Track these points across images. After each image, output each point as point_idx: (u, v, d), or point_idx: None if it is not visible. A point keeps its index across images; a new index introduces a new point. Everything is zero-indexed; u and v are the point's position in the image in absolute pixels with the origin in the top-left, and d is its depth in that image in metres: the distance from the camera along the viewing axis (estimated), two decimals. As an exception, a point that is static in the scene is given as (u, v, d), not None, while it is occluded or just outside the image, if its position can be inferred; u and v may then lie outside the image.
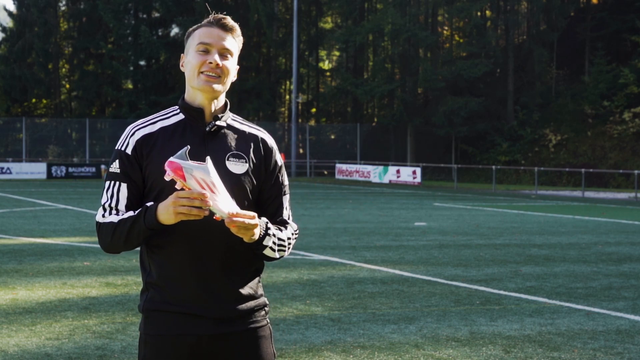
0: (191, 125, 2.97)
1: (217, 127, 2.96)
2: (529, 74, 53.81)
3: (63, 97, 61.89)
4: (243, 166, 2.96)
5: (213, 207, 2.71)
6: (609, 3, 53.63)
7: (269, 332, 3.07)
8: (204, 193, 2.68)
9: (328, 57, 71.05)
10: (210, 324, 2.94)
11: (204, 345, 2.95)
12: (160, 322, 2.96)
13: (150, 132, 2.97)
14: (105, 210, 2.94)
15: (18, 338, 7.55)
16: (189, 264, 2.92)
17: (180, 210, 2.70)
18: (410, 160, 53.09)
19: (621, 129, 47.02)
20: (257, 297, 3.04)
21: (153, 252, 2.96)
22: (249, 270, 3.01)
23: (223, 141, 2.98)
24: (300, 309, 9.07)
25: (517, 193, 39.32)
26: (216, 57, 2.92)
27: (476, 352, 7.35)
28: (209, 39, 2.94)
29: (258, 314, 3.04)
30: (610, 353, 7.38)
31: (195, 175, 2.69)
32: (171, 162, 2.70)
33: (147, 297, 2.99)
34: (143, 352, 3.01)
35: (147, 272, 3.00)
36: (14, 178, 44.32)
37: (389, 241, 16.22)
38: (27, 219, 19.93)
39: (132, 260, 12.62)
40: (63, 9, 61.68)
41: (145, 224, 2.81)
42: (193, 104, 2.98)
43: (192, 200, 2.68)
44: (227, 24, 2.97)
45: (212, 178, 2.70)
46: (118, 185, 2.94)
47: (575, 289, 10.84)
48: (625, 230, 19.76)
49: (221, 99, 3.01)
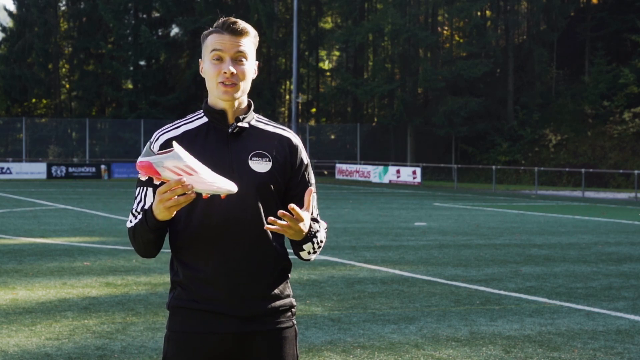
0: (214, 127, 3.01)
1: (239, 129, 2.99)
2: (529, 74, 53.80)
3: (63, 97, 61.88)
4: (266, 165, 2.98)
5: (197, 189, 2.71)
6: (609, 3, 53.62)
7: (294, 333, 3.07)
8: (181, 179, 2.68)
9: (328, 57, 71.06)
10: (236, 323, 2.95)
11: (228, 344, 2.96)
12: (186, 319, 2.97)
13: (174, 136, 3.00)
14: (133, 216, 2.98)
15: (18, 338, 7.55)
16: (214, 263, 2.93)
17: (168, 205, 2.73)
18: (410, 160, 53.08)
19: (621, 129, 47.02)
20: (284, 297, 3.04)
21: (179, 252, 2.99)
22: (276, 270, 3.01)
23: (246, 141, 3.00)
24: (300, 309, 9.07)
25: (517, 193, 39.32)
26: (230, 66, 2.94)
27: (476, 352, 7.35)
28: (220, 45, 2.96)
29: (284, 314, 3.04)
30: (610, 353, 7.38)
31: (168, 166, 2.68)
32: (140, 162, 2.70)
33: (174, 295, 3.01)
34: (166, 348, 3.02)
35: (175, 271, 3.02)
36: (14, 178, 44.32)
37: (389, 241, 16.22)
38: (27, 219, 19.93)
39: (132, 260, 12.62)
40: (63, 9, 61.68)
41: (148, 224, 2.86)
42: (215, 107, 3.02)
43: (173, 191, 2.70)
44: (237, 28, 2.97)
45: (185, 161, 2.69)
46: (145, 190, 2.97)
47: (575, 289, 10.84)
48: (625, 230, 19.76)
49: (243, 100, 3.05)
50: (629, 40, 51.42)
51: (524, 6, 56.73)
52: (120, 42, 58.48)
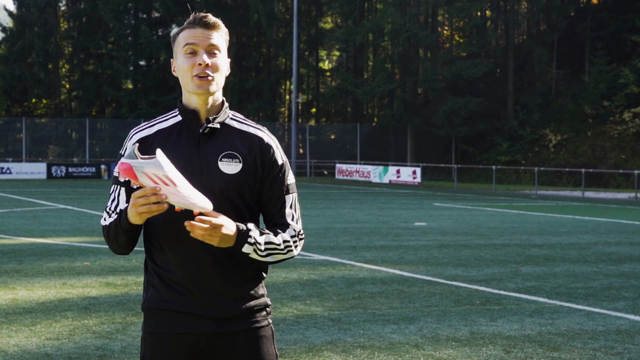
0: (187, 127, 2.98)
1: (210, 129, 2.96)
2: (529, 74, 53.81)
3: (63, 97, 61.88)
4: (236, 166, 2.93)
5: (170, 200, 2.70)
6: (609, 3, 53.62)
7: (271, 332, 3.06)
8: (156, 187, 2.68)
9: (328, 57, 71.06)
10: (210, 323, 2.94)
11: (203, 344, 2.95)
12: (160, 320, 2.97)
13: (147, 135, 2.99)
14: (107, 214, 2.99)
15: (18, 338, 7.55)
16: (186, 264, 2.93)
17: (141, 210, 2.73)
18: (410, 160, 53.08)
19: (621, 129, 47.01)
20: (258, 297, 3.02)
21: (152, 253, 2.99)
22: (249, 270, 2.99)
23: (218, 142, 2.96)
24: (300, 309, 9.07)
25: (517, 193, 39.32)
26: (204, 57, 2.92)
27: (476, 352, 7.35)
28: (193, 39, 2.94)
29: (259, 314, 3.02)
30: (610, 353, 7.38)
31: (147, 172, 2.68)
32: (122, 163, 2.70)
33: (148, 296, 3.01)
34: (143, 350, 3.02)
35: (148, 272, 3.03)
36: (14, 178, 44.32)
37: (389, 241, 16.22)
38: (27, 219, 19.93)
39: (132, 260, 12.61)
40: (63, 9, 61.71)
41: (121, 226, 2.87)
42: (189, 106, 2.99)
43: (147, 198, 2.70)
44: (209, 21, 2.96)
45: (165, 171, 2.68)
46: (118, 189, 2.98)
47: (575, 289, 10.84)
48: (625, 230, 19.76)
49: (217, 99, 3.01)
50: (629, 40, 51.42)
51: (524, 6, 56.73)
52: (120, 42, 58.49)
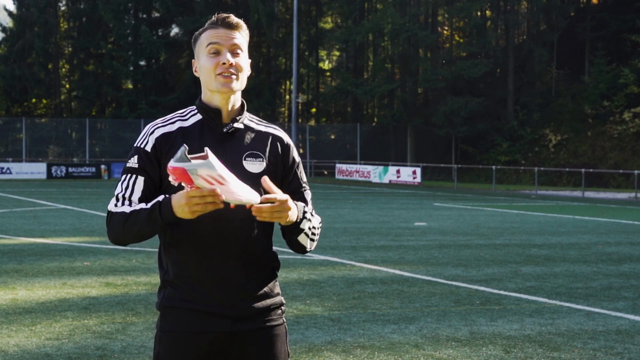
0: (209, 126, 3.01)
1: (234, 129, 3.00)
2: (529, 74, 53.81)
3: (63, 97, 61.89)
4: (260, 165, 2.99)
5: (227, 199, 2.72)
6: (609, 3, 53.62)
7: (284, 331, 3.10)
8: (214, 189, 2.69)
9: (328, 57, 71.05)
10: (227, 322, 2.96)
11: (220, 343, 2.97)
12: (177, 319, 2.98)
13: (170, 132, 3.00)
14: (118, 200, 2.95)
15: (18, 338, 7.55)
16: (205, 263, 2.94)
17: (195, 209, 2.73)
18: (410, 160, 53.09)
19: (621, 129, 47.02)
20: (274, 296, 3.06)
21: (169, 251, 2.99)
22: (266, 269, 3.03)
23: (240, 141, 3.01)
24: (300, 309, 9.07)
25: (517, 193, 39.32)
26: (228, 56, 2.95)
27: (476, 352, 7.35)
28: (217, 39, 2.97)
29: (274, 312, 3.06)
30: (610, 353, 7.38)
31: (201, 174, 2.68)
32: (174, 168, 2.68)
33: (164, 294, 3.01)
34: (157, 349, 3.02)
35: (165, 270, 3.02)
36: (14, 178, 44.32)
37: (389, 241, 16.22)
38: (27, 219, 19.93)
39: (132, 260, 12.62)
40: (63, 9, 61.71)
41: (162, 218, 2.81)
42: (210, 104, 3.02)
43: (204, 198, 2.70)
44: (232, 21, 2.99)
45: (217, 170, 2.69)
46: (135, 178, 2.95)
47: (575, 289, 10.84)
48: (625, 230, 19.76)
49: (238, 99, 3.06)
50: (629, 40, 51.43)
51: (524, 6, 56.72)
52: (120, 42, 58.48)
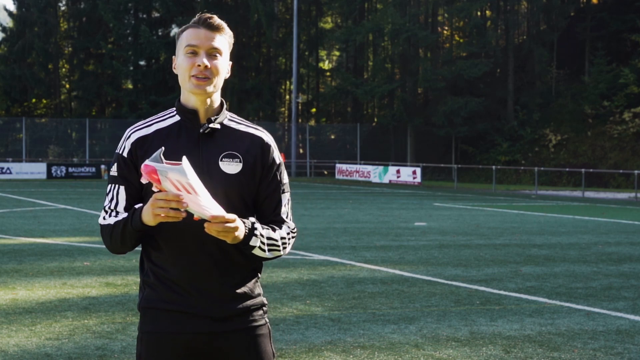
0: (186, 127, 2.99)
1: (210, 129, 2.97)
2: (529, 74, 53.81)
3: (63, 97, 61.89)
4: (237, 166, 2.96)
5: (190, 209, 2.70)
6: (609, 3, 53.63)
7: (268, 331, 3.08)
8: (179, 194, 2.67)
9: (328, 57, 71.07)
10: (207, 322, 2.96)
11: (200, 344, 2.97)
12: (156, 319, 2.98)
13: (146, 135, 2.99)
14: (106, 213, 2.99)
15: (18, 338, 7.55)
16: (183, 264, 2.94)
17: (158, 212, 2.72)
18: (410, 160, 53.09)
19: (621, 129, 47.02)
20: (254, 297, 3.04)
21: (148, 252, 3.00)
22: (245, 269, 3.01)
23: (218, 142, 2.98)
24: (300, 309, 9.07)
25: (517, 193, 39.32)
26: (204, 59, 2.93)
27: (476, 352, 7.34)
28: (195, 40, 2.95)
29: (256, 313, 3.05)
30: (610, 353, 7.38)
31: (170, 177, 2.67)
32: (146, 166, 2.68)
33: (144, 295, 3.02)
34: (139, 349, 3.03)
35: (144, 272, 3.03)
36: (14, 178, 44.32)
37: (389, 241, 16.22)
38: (27, 219, 19.93)
39: (132, 260, 12.61)
40: (63, 9, 61.71)
41: (132, 225, 2.86)
42: (187, 105, 2.99)
43: (168, 202, 2.69)
44: (213, 23, 2.97)
45: (188, 179, 2.67)
46: (117, 188, 2.98)
47: (575, 289, 10.84)
48: (625, 230, 19.76)
49: (216, 99, 3.02)
50: (629, 40, 51.43)
51: (524, 6, 56.73)
52: (120, 42, 58.49)
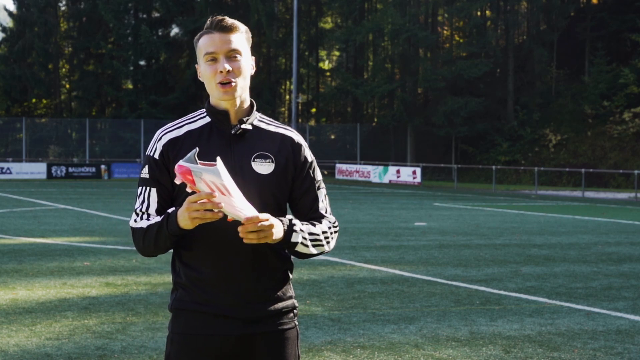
0: (217, 128, 2.99)
1: (242, 130, 2.98)
2: (529, 74, 53.81)
3: (63, 97, 61.89)
4: (269, 166, 2.97)
5: (225, 209, 2.69)
6: (609, 3, 53.63)
7: (296, 333, 3.08)
8: (213, 194, 2.66)
9: (328, 57, 71.05)
10: (238, 325, 2.95)
11: (231, 345, 2.97)
12: (188, 321, 2.98)
13: (177, 136, 2.98)
14: (137, 215, 2.97)
15: (18, 338, 7.55)
16: (216, 266, 2.93)
17: (194, 215, 2.71)
18: (410, 160, 53.08)
19: (621, 129, 47.01)
20: (286, 299, 3.04)
21: (181, 254, 2.99)
22: (278, 272, 3.01)
23: (249, 143, 2.99)
24: (300, 309, 9.06)
25: (517, 193, 39.32)
26: (225, 64, 2.93)
27: (476, 352, 7.34)
28: (212, 47, 2.94)
29: (286, 315, 3.05)
30: (610, 353, 7.38)
31: (205, 178, 2.67)
32: (180, 166, 2.68)
33: (176, 296, 3.02)
34: (168, 349, 3.03)
35: (177, 272, 3.02)
36: (14, 178, 44.32)
37: (389, 241, 16.22)
38: (27, 219, 19.93)
39: (132, 260, 12.61)
40: (63, 9, 61.69)
41: (168, 230, 2.84)
42: (218, 107, 3.00)
43: (203, 204, 2.68)
44: (226, 25, 2.96)
45: (222, 180, 2.67)
46: (148, 190, 2.97)
47: (575, 289, 10.84)
48: (625, 230, 19.76)
49: (246, 100, 3.04)
50: (629, 40, 51.42)
51: (524, 6, 56.72)
52: (120, 42, 58.47)
